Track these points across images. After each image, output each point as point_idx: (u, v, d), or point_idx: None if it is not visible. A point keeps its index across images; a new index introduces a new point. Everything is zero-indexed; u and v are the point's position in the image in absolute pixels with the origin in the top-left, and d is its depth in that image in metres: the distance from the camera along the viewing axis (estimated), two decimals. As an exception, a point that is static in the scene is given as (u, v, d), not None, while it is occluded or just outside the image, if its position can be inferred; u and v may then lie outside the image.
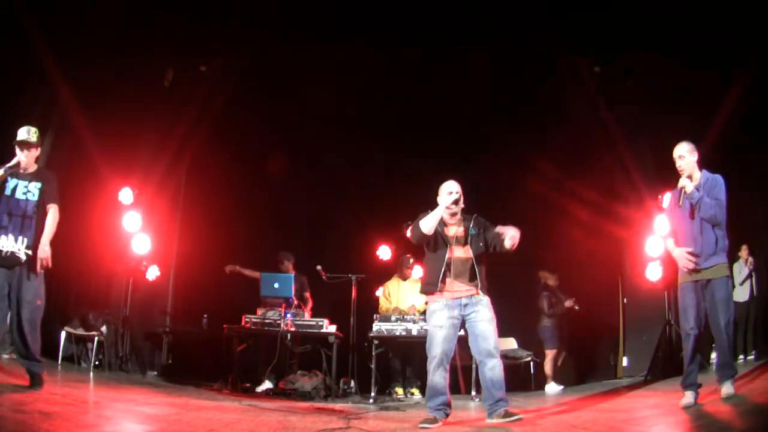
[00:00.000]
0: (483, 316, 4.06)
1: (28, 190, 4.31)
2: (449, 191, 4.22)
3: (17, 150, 4.33)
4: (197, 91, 7.99)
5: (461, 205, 4.25)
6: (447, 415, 4.05)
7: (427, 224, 4.14)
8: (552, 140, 7.93)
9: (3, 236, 4.16)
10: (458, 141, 8.34)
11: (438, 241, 4.22)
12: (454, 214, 4.25)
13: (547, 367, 7.31)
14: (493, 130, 8.29)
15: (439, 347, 4.01)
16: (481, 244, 4.20)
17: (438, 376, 4.00)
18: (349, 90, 8.08)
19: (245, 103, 8.32)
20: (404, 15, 7.05)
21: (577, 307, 7.38)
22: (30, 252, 4.23)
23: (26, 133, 4.35)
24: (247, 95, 8.28)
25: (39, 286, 4.26)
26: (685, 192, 4.24)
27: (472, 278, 4.14)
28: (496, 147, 8.32)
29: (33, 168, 4.42)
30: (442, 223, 4.25)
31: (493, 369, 3.95)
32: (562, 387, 7.14)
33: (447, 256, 4.16)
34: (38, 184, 4.38)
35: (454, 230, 4.25)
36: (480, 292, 4.12)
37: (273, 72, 8.15)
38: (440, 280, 4.13)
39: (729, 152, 6.73)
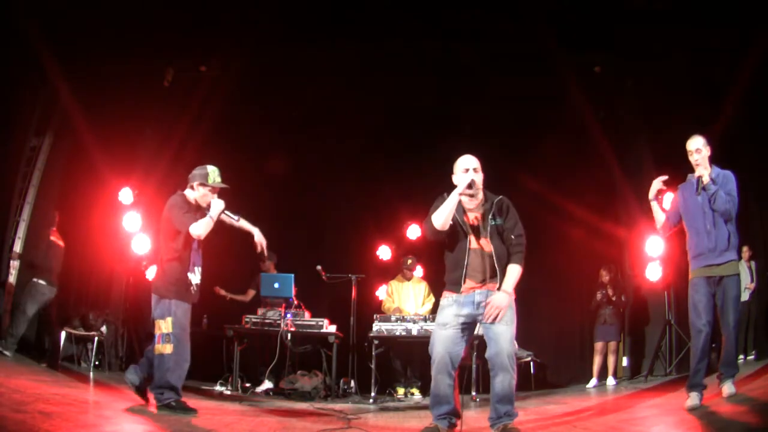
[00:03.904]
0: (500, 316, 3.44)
1: None
2: (465, 168, 3.55)
3: (210, 192, 4.36)
4: (197, 91, 7.98)
5: (480, 186, 3.56)
6: (452, 425, 3.50)
7: (441, 217, 3.45)
8: (552, 140, 7.93)
9: (193, 273, 4.34)
10: (458, 141, 8.27)
11: (457, 230, 3.53)
12: (473, 196, 3.55)
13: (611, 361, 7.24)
14: (493, 129, 8.28)
15: (440, 348, 3.42)
16: (506, 234, 3.55)
17: (441, 382, 3.43)
18: (349, 90, 8.08)
19: (245, 102, 8.31)
20: (404, 15, 7.05)
21: (599, 297, 7.32)
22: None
23: (219, 176, 4.41)
24: (247, 95, 8.26)
25: None
26: (702, 182, 4.11)
27: (492, 275, 3.50)
28: (495, 146, 8.31)
29: None
30: (461, 209, 3.56)
31: (503, 382, 3.39)
32: (603, 381, 7.08)
33: (466, 247, 3.50)
34: None
35: (473, 216, 3.58)
36: (497, 289, 3.48)
37: (273, 72, 8.14)
38: (462, 277, 3.49)
39: (729, 152, 6.73)
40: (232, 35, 7.41)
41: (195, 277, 4.35)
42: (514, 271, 3.50)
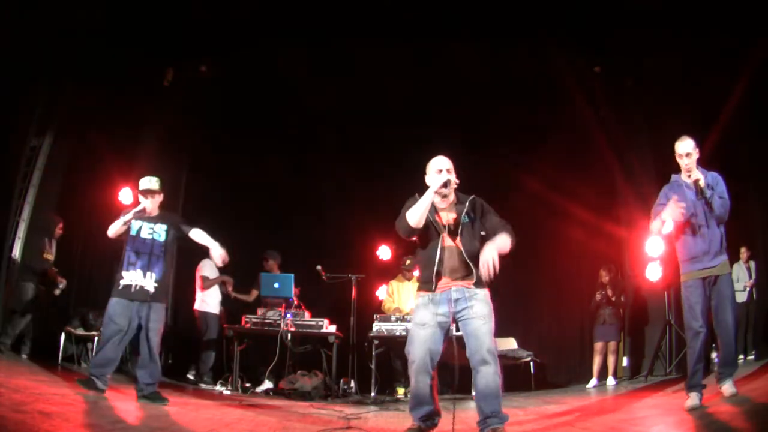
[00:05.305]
0: (476, 312, 3.39)
1: (153, 231, 4.80)
2: (438, 169, 3.57)
3: (140, 197, 4.83)
4: (197, 91, 7.99)
5: (453, 185, 3.59)
6: (434, 426, 3.50)
7: (415, 215, 3.45)
8: (552, 140, 7.93)
9: (132, 271, 4.65)
10: (457, 140, 8.32)
11: (429, 229, 3.57)
12: (445, 197, 3.60)
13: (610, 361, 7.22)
14: (493, 129, 8.29)
15: (420, 349, 3.40)
16: (482, 233, 3.56)
17: (420, 383, 3.40)
18: (349, 89, 8.08)
19: (245, 103, 8.32)
20: (405, 15, 7.06)
21: (598, 297, 7.32)
22: (157, 285, 4.70)
23: (148, 182, 4.85)
24: (247, 95, 8.27)
25: (163, 314, 4.76)
26: (699, 187, 4.08)
27: (467, 273, 3.48)
28: (495, 147, 8.32)
29: (157, 212, 4.88)
30: (433, 209, 3.59)
31: (485, 377, 3.30)
32: (601, 382, 7.08)
33: (439, 246, 3.51)
34: (164, 226, 4.86)
35: (446, 216, 3.59)
36: (473, 286, 3.47)
37: (273, 72, 8.15)
38: (434, 276, 3.48)
39: (729, 152, 6.73)
40: (231, 35, 7.42)
41: (132, 276, 4.62)
42: (502, 236, 3.42)
